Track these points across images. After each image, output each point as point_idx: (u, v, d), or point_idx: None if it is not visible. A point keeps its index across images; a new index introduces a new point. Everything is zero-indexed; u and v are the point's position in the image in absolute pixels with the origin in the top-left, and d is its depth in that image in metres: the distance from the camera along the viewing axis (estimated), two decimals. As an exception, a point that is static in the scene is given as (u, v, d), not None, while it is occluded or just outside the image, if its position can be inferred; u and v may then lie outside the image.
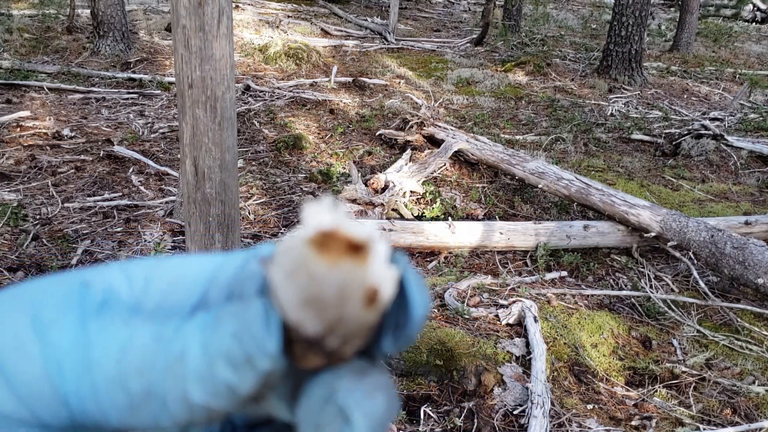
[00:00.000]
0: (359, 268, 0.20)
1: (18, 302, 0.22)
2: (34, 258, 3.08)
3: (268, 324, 0.20)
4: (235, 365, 0.20)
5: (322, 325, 0.20)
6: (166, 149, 4.67)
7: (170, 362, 0.20)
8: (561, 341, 2.77)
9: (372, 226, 0.20)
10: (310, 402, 0.22)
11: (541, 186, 4.02)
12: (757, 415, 2.39)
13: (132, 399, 0.20)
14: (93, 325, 0.21)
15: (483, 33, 9.67)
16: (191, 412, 0.20)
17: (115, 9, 6.95)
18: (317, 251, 0.20)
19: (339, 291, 0.20)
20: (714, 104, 7.34)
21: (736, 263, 3.05)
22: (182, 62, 1.92)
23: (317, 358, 0.22)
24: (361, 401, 0.21)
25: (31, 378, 0.20)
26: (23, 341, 0.20)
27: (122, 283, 0.22)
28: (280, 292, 0.20)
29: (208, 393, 0.20)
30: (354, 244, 0.20)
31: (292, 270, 0.20)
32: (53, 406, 0.20)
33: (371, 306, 0.20)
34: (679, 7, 11.36)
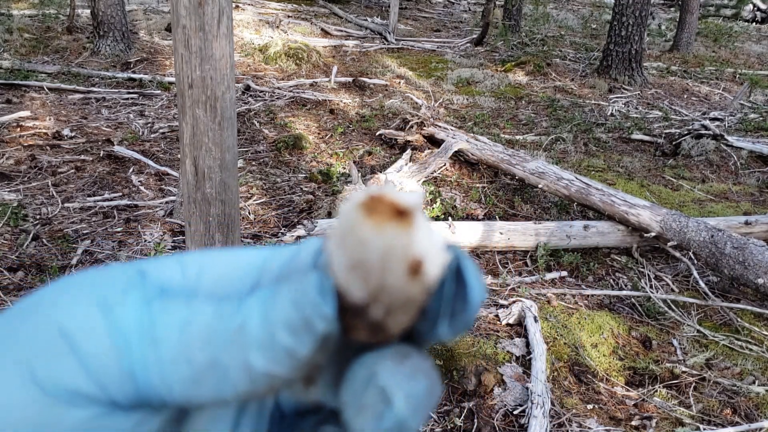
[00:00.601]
0: (403, 234, 0.20)
1: (82, 288, 0.22)
2: (34, 258, 3.08)
3: (323, 290, 0.21)
4: (294, 330, 0.21)
5: (367, 290, 0.21)
6: (166, 149, 4.68)
7: (232, 333, 0.21)
8: (561, 341, 2.77)
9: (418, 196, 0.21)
10: (354, 384, 0.22)
11: (541, 186, 4.02)
12: (757, 415, 2.39)
13: (195, 370, 0.21)
14: (156, 305, 0.22)
15: (483, 33, 9.67)
16: (252, 381, 0.21)
17: (115, 9, 6.95)
18: (365, 215, 0.20)
19: (382, 255, 0.20)
20: (714, 104, 7.34)
21: (736, 263, 3.05)
22: (182, 62, 1.92)
23: (364, 330, 0.22)
24: (402, 383, 0.22)
25: (101, 354, 0.21)
26: (91, 321, 0.21)
27: (176, 272, 0.23)
28: (333, 257, 0.21)
29: (268, 359, 0.21)
30: (399, 209, 0.20)
31: (344, 234, 0.21)
32: (121, 381, 0.21)
33: (415, 277, 0.21)
34: (679, 7, 11.36)
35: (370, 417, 0.21)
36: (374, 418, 0.21)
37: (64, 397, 0.21)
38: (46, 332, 0.21)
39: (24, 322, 0.22)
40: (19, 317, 0.23)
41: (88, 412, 0.21)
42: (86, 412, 0.21)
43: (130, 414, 0.22)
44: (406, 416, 0.21)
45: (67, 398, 0.21)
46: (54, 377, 0.21)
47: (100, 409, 0.21)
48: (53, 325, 0.21)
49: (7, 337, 0.22)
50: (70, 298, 0.22)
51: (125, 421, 0.22)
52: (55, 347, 0.21)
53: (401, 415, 0.21)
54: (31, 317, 0.22)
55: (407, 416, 0.21)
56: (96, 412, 0.21)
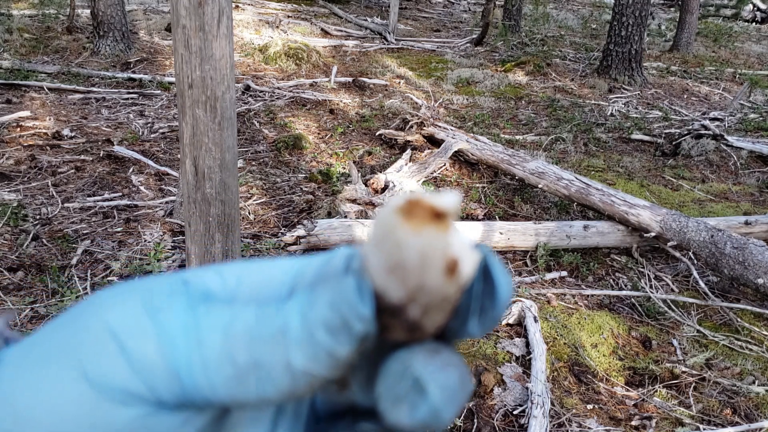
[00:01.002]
0: (441, 236, 0.21)
1: (129, 294, 0.24)
2: (34, 258, 3.08)
3: (360, 291, 0.22)
4: (333, 331, 0.21)
5: (404, 291, 0.22)
6: (166, 149, 4.68)
7: (273, 334, 0.22)
8: (561, 341, 2.77)
9: (455, 198, 0.22)
10: (388, 377, 0.23)
11: (541, 186, 4.02)
12: (757, 415, 2.39)
13: (238, 370, 0.22)
14: (200, 309, 0.23)
15: (483, 33, 9.67)
16: (293, 380, 0.22)
17: (115, 9, 6.95)
18: (403, 218, 0.21)
19: (421, 257, 0.21)
20: (714, 104, 7.34)
21: (736, 263, 3.05)
22: (182, 62, 1.92)
23: (400, 330, 0.23)
24: (435, 373, 0.22)
25: (148, 355, 0.22)
26: (139, 324, 0.22)
27: (217, 281, 0.24)
28: (370, 260, 0.22)
29: (309, 359, 0.22)
30: (437, 211, 0.21)
31: (381, 237, 0.22)
32: (167, 381, 0.22)
33: (451, 277, 0.22)
34: (679, 7, 11.36)
35: (405, 407, 0.22)
36: (409, 408, 0.22)
37: (114, 396, 0.22)
38: (96, 333, 0.23)
39: (75, 325, 0.23)
40: (70, 320, 0.24)
41: (137, 411, 0.22)
42: (135, 411, 0.22)
43: (175, 414, 0.23)
44: (441, 406, 0.22)
45: (116, 397, 0.22)
46: (104, 376, 0.22)
47: (148, 409, 0.22)
48: (103, 326, 0.23)
49: (60, 338, 0.23)
50: (118, 302, 0.23)
51: (171, 420, 0.22)
52: (105, 347, 0.22)
53: (436, 404, 0.22)
54: (82, 320, 0.23)
55: (441, 406, 0.22)
56: (144, 411, 0.22)
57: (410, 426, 0.22)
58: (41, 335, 0.24)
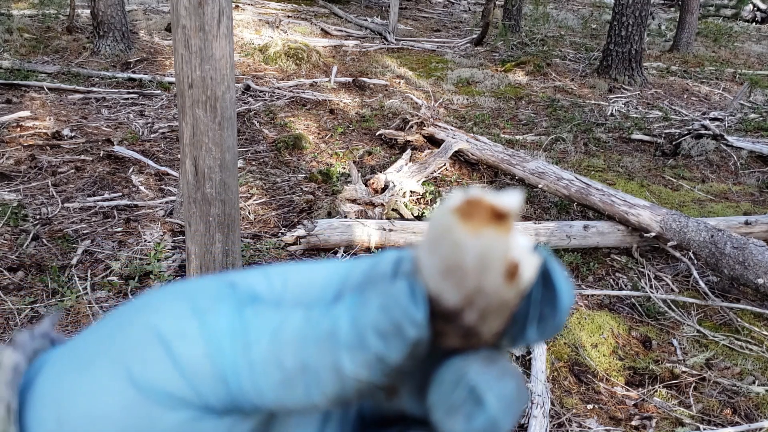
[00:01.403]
0: (501, 238, 0.20)
1: (176, 296, 0.23)
2: (34, 258, 3.08)
3: (414, 295, 0.21)
4: (384, 336, 0.21)
5: (461, 295, 0.21)
6: (166, 149, 4.68)
7: (322, 338, 0.21)
8: (561, 341, 2.77)
9: (517, 198, 0.20)
10: (442, 386, 0.22)
11: (541, 186, 4.02)
12: (757, 415, 2.39)
13: (286, 374, 0.21)
14: (247, 312, 0.22)
15: (483, 33, 9.67)
16: (342, 386, 0.21)
17: (115, 9, 6.95)
18: (461, 219, 0.20)
19: (480, 259, 0.20)
20: (714, 104, 7.34)
21: (736, 263, 3.05)
22: (182, 62, 1.92)
23: (455, 336, 0.22)
24: (492, 383, 0.22)
25: (195, 358, 0.22)
26: (186, 326, 0.22)
27: (263, 283, 0.24)
28: (424, 263, 0.21)
29: (359, 364, 0.21)
30: (498, 212, 0.20)
31: (437, 239, 0.21)
32: (214, 385, 0.21)
33: (511, 281, 0.21)
34: (679, 7, 11.36)
35: (461, 417, 0.22)
36: (465, 418, 0.21)
37: (160, 399, 0.21)
38: (142, 336, 0.22)
39: (120, 327, 0.23)
40: (115, 322, 0.23)
41: (183, 415, 0.22)
42: (180, 415, 0.21)
43: (221, 419, 0.22)
44: (499, 416, 0.21)
45: (162, 400, 0.21)
46: (150, 379, 0.22)
47: (194, 413, 0.22)
48: (149, 328, 0.22)
49: (105, 340, 0.23)
50: (164, 304, 0.23)
51: (216, 426, 0.22)
52: (150, 350, 0.22)
53: (493, 415, 0.21)
54: (127, 322, 0.23)
55: (499, 416, 0.21)
56: (190, 415, 0.22)
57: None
58: (86, 337, 0.24)
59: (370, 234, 3.35)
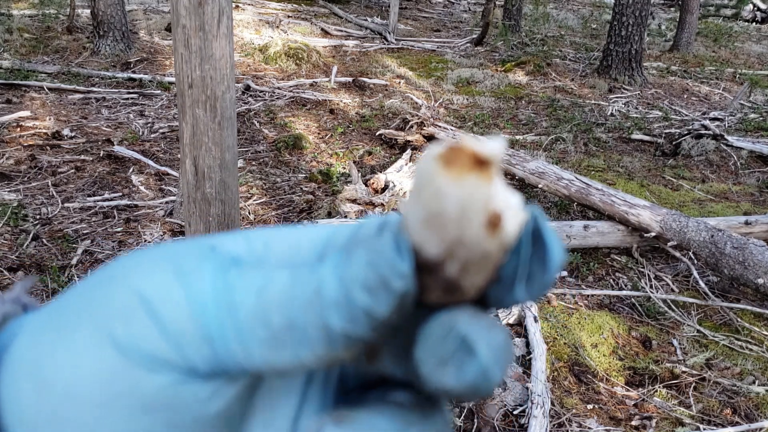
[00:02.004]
0: (483, 185, 0.20)
1: (157, 259, 0.23)
2: (34, 258, 3.08)
3: (399, 247, 0.21)
4: (371, 290, 0.21)
5: (442, 245, 0.20)
6: (166, 149, 4.68)
7: (308, 296, 0.21)
8: (561, 341, 2.77)
9: (499, 144, 0.20)
10: (430, 339, 0.22)
11: (541, 186, 4.02)
12: (757, 415, 2.39)
13: (273, 333, 0.21)
14: (231, 272, 0.22)
15: (483, 33, 9.67)
16: (330, 343, 0.21)
17: (115, 9, 6.95)
18: (443, 166, 0.20)
19: (461, 207, 0.20)
20: (714, 104, 7.34)
21: (736, 263, 3.05)
22: (182, 62, 1.92)
23: (438, 289, 0.22)
24: (482, 333, 0.21)
25: (178, 319, 0.21)
26: (169, 287, 0.22)
27: (244, 246, 0.23)
28: (408, 214, 0.21)
29: (346, 319, 0.21)
30: (479, 158, 0.20)
31: (420, 187, 0.20)
32: (199, 345, 0.21)
33: (493, 232, 0.20)
34: (679, 7, 11.36)
35: (452, 368, 0.21)
36: (456, 369, 0.21)
37: (144, 361, 0.21)
38: (124, 297, 0.22)
39: (102, 289, 0.22)
40: (96, 285, 0.23)
41: (167, 378, 0.21)
42: (165, 377, 0.21)
43: (207, 382, 0.22)
44: (490, 365, 0.21)
45: (146, 362, 0.21)
46: (133, 340, 0.21)
47: (178, 376, 0.21)
48: (131, 290, 0.22)
49: (87, 303, 0.22)
50: (146, 266, 0.23)
51: (202, 389, 0.22)
52: (133, 311, 0.21)
53: (485, 363, 0.21)
54: (109, 284, 0.23)
55: (491, 365, 0.21)
56: (174, 378, 0.21)
57: (457, 388, 0.21)
58: (64, 301, 0.23)
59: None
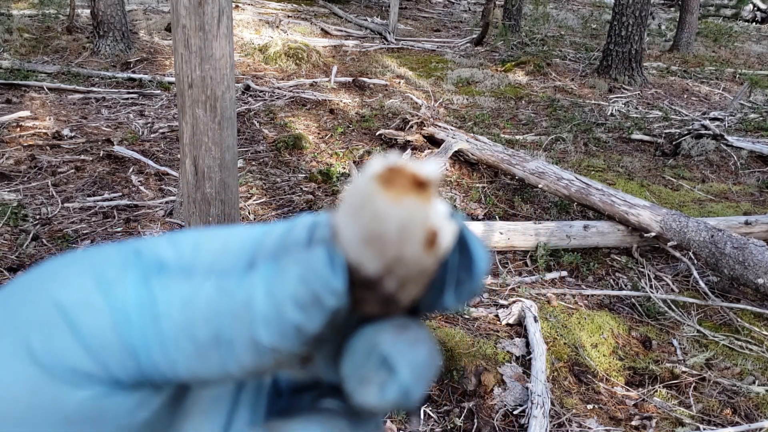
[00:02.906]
0: (422, 206, 0.20)
1: (78, 265, 0.22)
2: (34, 258, 3.08)
3: (333, 264, 0.20)
4: (302, 306, 0.20)
5: (381, 263, 0.20)
6: (166, 149, 4.67)
7: (236, 309, 0.20)
8: (561, 341, 2.77)
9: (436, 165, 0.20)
10: (354, 356, 0.22)
11: (541, 186, 4.02)
12: (757, 415, 2.39)
13: (199, 346, 0.21)
14: (155, 281, 0.21)
15: (483, 33, 9.67)
16: (259, 357, 0.21)
17: (115, 9, 6.95)
18: (382, 186, 0.20)
19: (400, 227, 0.20)
20: (714, 104, 7.34)
21: (736, 263, 3.05)
22: (182, 62, 1.92)
23: (374, 303, 0.22)
24: (404, 352, 0.21)
25: (100, 331, 0.20)
26: (89, 297, 0.21)
27: (171, 251, 0.23)
28: (343, 231, 0.21)
29: (276, 335, 0.20)
30: (419, 180, 0.20)
31: (357, 207, 0.20)
32: (121, 357, 0.21)
33: (431, 248, 0.21)
34: (679, 7, 11.36)
35: (374, 387, 0.21)
36: (378, 388, 0.21)
37: (64, 376, 0.20)
38: (42, 308, 0.21)
39: (19, 298, 0.22)
40: (14, 293, 0.22)
41: (89, 392, 0.21)
42: (87, 392, 0.20)
43: (131, 394, 0.21)
44: (410, 384, 0.21)
45: (66, 377, 0.20)
46: (54, 355, 0.20)
47: (101, 389, 0.21)
48: (50, 300, 0.21)
49: (3, 316, 0.21)
50: (66, 274, 0.22)
51: (126, 401, 0.21)
52: (52, 323, 0.21)
53: (405, 383, 0.21)
54: (27, 293, 0.22)
55: (411, 384, 0.21)
56: (97, 392, 0.21)
57: (379, 406, 0.22)
58: None
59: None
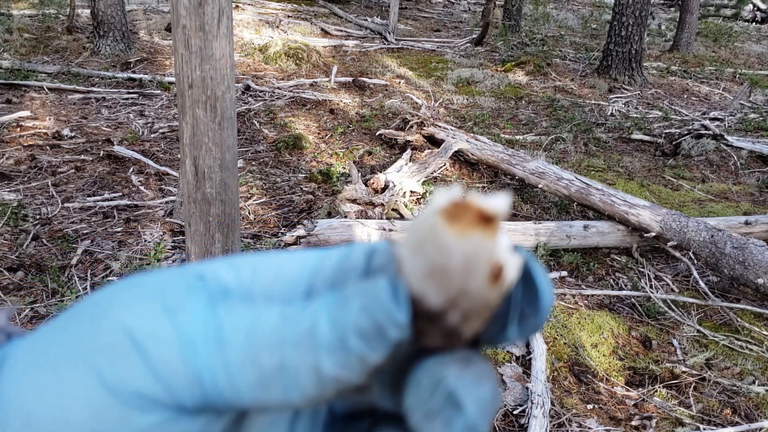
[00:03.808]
0: (487, 241, 0.20)
1: (144, 292, 0.22)
2: (34, 258, 3.08)
3: (396, 296, 0.21)
4: (365, 337, 0.20)
5: (445, 297, 0.21)
6: (166, 149, 4.68)
7: (300, 337, 0.21)
8: (561, 341, 2.77)
9: (504, 201, 0.20)
10: (419, 390, 0.22)
11: (541, 186, 4.02)
12: (757, 415, 2.39)
13: (263, 373, 0.21)
14: (220, 308, 0.22)
15: (483, 33, 9.67)
16: (321, 385, 0.21)
17: (115, 9, 6.95)
18: (447, 221, 0.20)
19: (465, 262, 0.20)
20: (714, 104, 7.34)
21: (736, 263, 3.05)
22: (182, 62, 1.92)
23: (436, 335, 0.22)
24: (470, 388, 0.22)
25: (168, 357, 0.21)
26: (157, 325, 0.21)
27: (231, 275, 0.23)
28: (407, 264, 0.21)
29: (339, 364, 0.21)
30: (485, 215, 0.20)
31: (421, 240, 0.21)
32: (188, 384, 0.21)
33: (495, 283, 0.21)
34: (679, 7, 11.36)
35: (440, 423, 0.22)
36: (443, 424, 0.21)
37: (132, 401, 0.21)
38: (111, 334, 0.21)
39: (88, 325, 0.22)
40: (82, 320, 0.22)
41: (156, 417, 0.21)
42: (154, 417, 0.21)
43: (195, 419, 0.22)
44: (477, 421, 0.21)
45: (135, 402, 0.21)
46: (123, 381, 0.21)
47: (167, 414, 0.21)
48: (119, 327, 0.21)
49: (72, 339, 0.22)
50: (133, 301, 0.22)
51: (191, 426, 0.22)
52: (121, 349, 0.21)
53: (472, 419, 0.21)
54: (95, 320, 0.22)
55: (478, 420, 0.21)
56: (163, 417, 0.21)
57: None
58: (49, 334, 0.23)
59: (370, 234, 3.35)
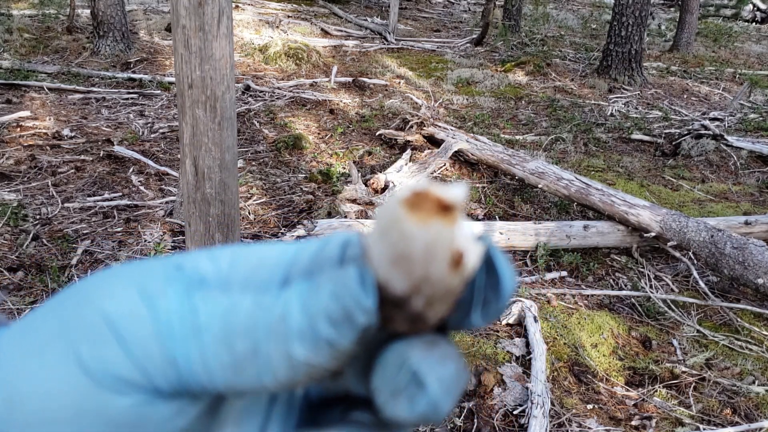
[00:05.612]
0: (447, 228, 0.21)
1: (123, 279, 0.23)
2: (34, 258, 3.08)
3: (364, 282, 0.22)
4: (334, 322, 0.21)
5: (408, 283, 0.22)
6: (166, 149, 4.68)
7: (273, 323, 0.22)
8: (561, 341, 2.77)
9: (462, 190, 0.22)
10: (385, 370, 0.23)
11: (541, 186, 4.02)
12: (757, 415, 2.39)
13: (237, 358, 0.22)
14: (196, 295, 0.23)
15: (483, 33, 9.67)
16: (292, 370, 0.22)
17: (115, 9, 6.95)
18: (409, 210, 0.21)
19: (427, 249, 0.21)
20: (714, 104, 7.34)
21: (736, 263, 3.05)
22: (182, 62, 1.92)
23: (402, 321, 0.23)
24: (434, 367, 0.22)
25: (144, 341, 0.22)
26: (134, 309, 0.22)
27: (210, 265, 0.24)
28: (374, 252, 0.22)
29: (309, 350, 0.21)
30: (444, 204, 0.21)
31: (385, 228, 0.22)
32: (163, 367, 0.22)
33: (456, 269, 0.22)
34: (679, 7, 11.36)
35: (404, 401, 0.22)
36: (408, 401, 0.22)
37: (109, 383, 0.22)
38: (90, 318, 0.22)
39: (69, 311, 0.23)
40: (64, 307, 0.23)
41: (132, 399, 0.22)
42: (129, 399, 0.22)
43: (170, 402, 0.22)
44: (439, 399, 0.22)
45: (112, 384, 0.22)
46: (99, 362, 0.22)
47: (143, 397, 0.22)
48: (99, 313, 0.22)
49: (54, 326, 0.23)
50: (112, 286, 0.23)
51: (166, 409, 0.22)
52: (99, 333, 0.22)
53: (434, 397, 0.22)
54: (75, 304, 0.23)
55: (440, 399, 0.22)
56: (139, 399, 0.22)
57: (409, 419, 0.23)
58: (34, 321, 0.24)
59: (370, 234, 3.35)
